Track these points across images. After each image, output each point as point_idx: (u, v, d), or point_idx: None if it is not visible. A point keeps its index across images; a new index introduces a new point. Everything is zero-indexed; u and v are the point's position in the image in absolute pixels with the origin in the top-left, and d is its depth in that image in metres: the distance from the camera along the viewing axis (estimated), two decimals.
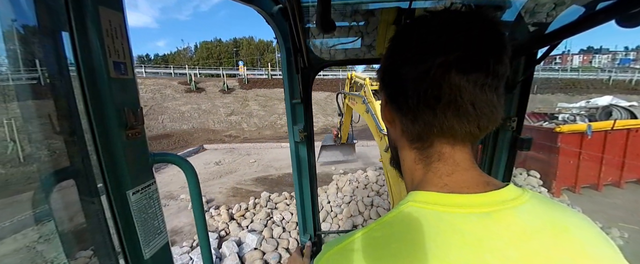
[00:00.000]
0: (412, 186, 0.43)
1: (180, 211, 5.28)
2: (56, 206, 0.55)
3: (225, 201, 5.66)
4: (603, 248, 0.35)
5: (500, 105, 0.37)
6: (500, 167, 1.27)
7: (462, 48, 0.33)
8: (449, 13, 0.37)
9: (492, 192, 0.36)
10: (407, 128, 0.41)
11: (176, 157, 0.69)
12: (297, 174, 1.43)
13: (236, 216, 4.77)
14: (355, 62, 1.32)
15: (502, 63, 0.35)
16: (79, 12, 0.47)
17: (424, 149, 0.40)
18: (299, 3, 0.55)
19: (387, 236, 0.34)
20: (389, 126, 0.47)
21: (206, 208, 5.21)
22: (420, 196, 0.37)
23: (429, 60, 0.34)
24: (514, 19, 0.94)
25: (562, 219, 0.36)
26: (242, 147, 11.36)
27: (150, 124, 14.03)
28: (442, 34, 0.35)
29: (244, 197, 5.75)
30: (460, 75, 0.33)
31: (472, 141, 0.40)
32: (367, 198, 4.94)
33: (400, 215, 0.36)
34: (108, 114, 0.52)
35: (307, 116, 1.31)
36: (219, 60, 41.63)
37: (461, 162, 0.39)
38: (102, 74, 0.50)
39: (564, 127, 5.55)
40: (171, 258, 0.71)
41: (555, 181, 5.59)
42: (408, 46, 0.38)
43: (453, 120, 0.35)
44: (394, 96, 0.40)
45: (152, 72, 26.21)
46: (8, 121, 1.33)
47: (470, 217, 0.34)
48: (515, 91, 1.11)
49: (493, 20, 0.35)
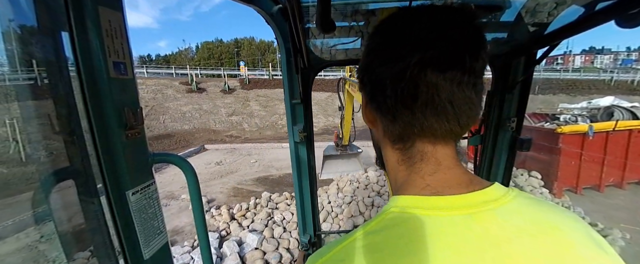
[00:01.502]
0: (395, 187, 0.43)
1: (181, 211, 5.29)
2: (56, 206, 0.55)
3: (226, 200, 5.67)
4: (595, 248, 0.34)
5: (478, 101, 0.36)
6: (499, 168, 1.27)
7: (438, 46, 0.33)
8: (425, 10, 0.36)
9: (474, 193, 0.36)
10: (388, 128, 0.40)
11: (176, 158, 0.69)
12: (296, 175, 1.43)
13: (237, 216, 4.78)
14: (355, 62, 1.32)
15: (478, 60, 0.34)
16: (78, 12, 0.47)
17: (406, 150, 0.40)
18: (299, 3, 0.55)
19: (370, 245, 0.34)
20: (371, 126, 0.46)
21: (207, 207, 5.25)
22: (401, 200, 0.37)
23: (406, 59, 0.33)
24: (514, 19, 0.94)
25: (550, 218, 0.36)
26: (243, 147, 11.38)
27: (151, 124, 14.00)
28: (419, 31, 0.34)
29: (244, 197, 5.75)
30: (437, 73, 0.33)
31: (454, 138, 0.39)
32: (368, 198, 4.94)
33: (383, 222, 0.36)
34: (108, 114, 0.52)
35: (307, 116, 1.31)
36: (220, 61, 41.74)
37: (443, 161, 0.39)
38: (102, 74, 0.50)
39: (566, 128, 5.52)
40: (171, 258, 0.71)
41: (557, 182, 5.55)
42: (385, 44, 0.37)
43: (432, 119, 0.35)
44: (374, 96, 0.40)
45: (153, 72, 26.37)
46: (10, 121, 1.33)
47: (453, 219, 0.34)
48: (515, 91, 1.11)
49: (471, 16, 0.35)
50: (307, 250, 1.57)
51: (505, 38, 1.01)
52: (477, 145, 1.31)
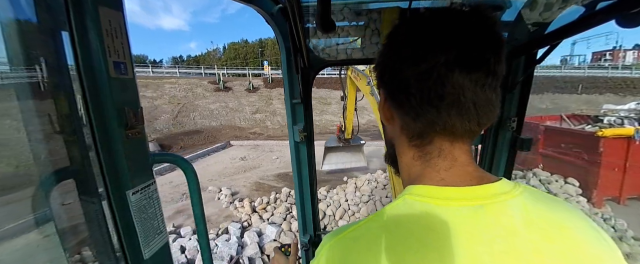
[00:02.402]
0: (409, 180, 0.43)
1: (208, 202, 5.63)
2: (56, 206, 0.54)
3: (249, 194, 6.04)
4: (601, 246, 0.36)
5: (497, 103, 0.38)
6: (500, 168, 1.26)
7: (463, 47, 0.34)
8: (448, 11, 0.37)
9: (484, 186, 0.37)
10: (408, 126, 0.41)
11: (176, 158, 0.69)
12: (297, 175, 1.43)
13: (258, 209, 5.11)
14: (355, 62, 1.31)
15: (501, 62, 0.36)
16: (78, 12, 0.46)
17: (423, 146, 0.41)
18: (299, 3, 0.55)
19: (383, 227, 0.37)
20: (387, 123, 0.47)
21: (231, 199, 5.69)
22: (416, 189, 0.39)
23: (432, 59, 0.34)
24: (514, 19, 0.92)
25: (557, 214, 0.37)
26: (265, 144, 11.66)
27: (183, 120, 14.82)
28: (443, 32, 0.35)
29: (266, 191, 6.05)
30: (464, 74, 0.34)
31: (471, 137, 0.41)
32: (386, 198, 4.93)
33: (397, 208, 0.38)
34: (108, 114, 0.52)
35: (307, 116, 1.31)
36: (245, 61, 42.57)
37: (459, 158, 0.40)
38: (102, 73, 0.50)
39: (607, 131, 5.01)
40: (171, 258, 0.71)
41: (597, 190, 5.04)
42: (408, 44, 0.38)
43: (456, 118, 0.36)
44: (395, 94, 0.41)
45: (184, 72, 27.68)
46: (12, 121, 1.39)
47: (463, 210, 0.35)
48: (515, 91, 1.08)
49: (492, 19, 0.36)
50: (307, 250, 1.56)
51: (505, 38, 0.98)
52: (477, 145, 1.28)
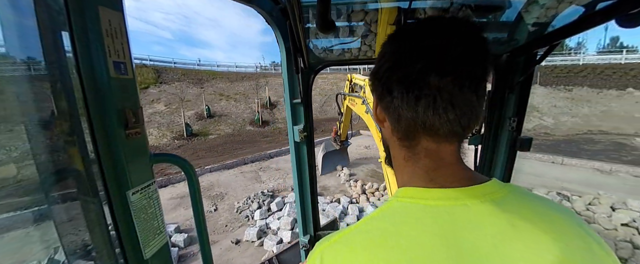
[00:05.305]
0: (402, 182, 0.47)
1: (333, 176, 7.34)
2: (56, 206, 0.55)
3: (363, 178, 7.16)
4: (587, 245, 0.36)
5: (479, 104, 0.39)
6: (499, 168, 1.27)
7: (442, 53, 0.37)
8: (434, 21, 0.41)
9: (473, 187, 0.40)
10: (394, 126, 0.44)
11: (176, 158, 0.69)
12: (297, 174, 1.43)
13: (367, 192, 6.12)
14: (355, 62, 1.32)
15: (479, 66, 0.38)
16: (78, 12, 0.46)
17: (411, 147, 0.44)
18: (299, 3, 0.55)
19: (374, 229, 0.39)
20: (380, 125, 0.50)
21: (348, 178, 6.97)
22: (405, 191, 0.42)
23: (413, 64, 0.38)
24: (514, 19, 0.94)
25: (543, 215, 0.38)
26: None
27: (326, 109, 17.91)
28: (425, 40, 0.38)
29: (379, 179, 6.94)
30: (438, 77, 0.36)
31: (458, 139, 0.42)
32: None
33: (387, 210, 0.41)
34: (108, 114, 0.52)
35: (307, 116, 1.31)
36: None
37: (446, 158, 0.42)
38: (102, 74, 0.50)
39: None
40: (171, 258, 0.71)
41: None
42: (395, 52, 0.41)
43: (433, 118, 0.38)
44: (382, 97, 0.44)
45: (335, 68, 27.84)
46: (11, 121, 1.30)
47: (452, 208, 0.37)
48: (515, 91, 1.11)
49: (472, 27, 0.39)
50: (307, 250, 1.57)
51: (505, 38, 1.01)
52: (477, 145, 1.31)
